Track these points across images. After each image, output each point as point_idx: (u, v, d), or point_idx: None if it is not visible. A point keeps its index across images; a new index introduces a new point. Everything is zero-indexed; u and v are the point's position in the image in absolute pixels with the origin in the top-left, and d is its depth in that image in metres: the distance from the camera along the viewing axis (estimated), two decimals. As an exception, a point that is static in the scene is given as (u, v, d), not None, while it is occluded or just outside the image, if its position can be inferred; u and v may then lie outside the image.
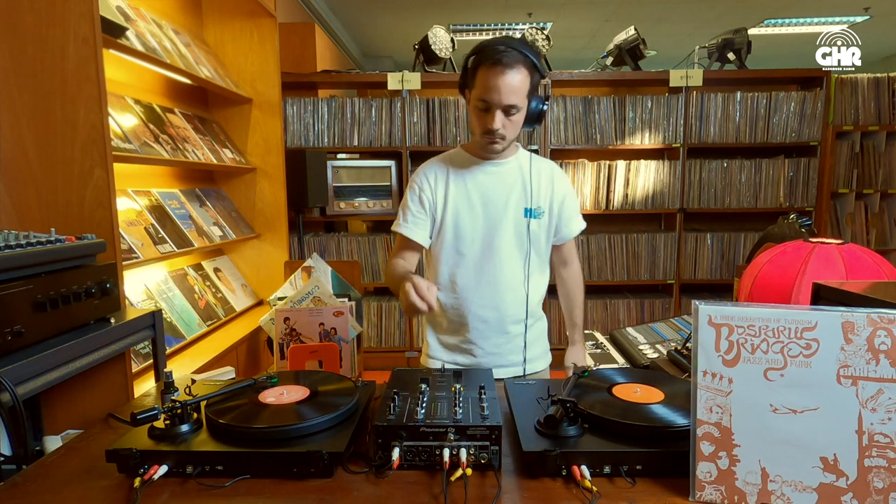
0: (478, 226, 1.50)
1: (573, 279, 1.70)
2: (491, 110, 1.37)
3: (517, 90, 1.35)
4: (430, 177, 1.53)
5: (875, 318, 0.78)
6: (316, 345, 1.52)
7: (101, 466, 0.91)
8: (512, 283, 1.52)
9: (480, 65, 1.36)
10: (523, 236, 1.51)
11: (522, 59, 1.35)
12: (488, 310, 1.52)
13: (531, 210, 1.51)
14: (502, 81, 1.33)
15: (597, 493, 0.83)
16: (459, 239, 1.51)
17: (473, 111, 1.42)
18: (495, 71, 1.33)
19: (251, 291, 3.16)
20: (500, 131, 1.39)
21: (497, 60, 1.32)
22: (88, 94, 1.61)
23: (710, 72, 3.89)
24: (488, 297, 1.52)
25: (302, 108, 3.84)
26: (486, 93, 1.35)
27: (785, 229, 2.09)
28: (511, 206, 1.50)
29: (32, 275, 1.21)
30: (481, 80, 1.36)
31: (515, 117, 1.40)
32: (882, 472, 0.77)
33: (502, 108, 1.37)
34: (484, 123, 1.40)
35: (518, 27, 6.74)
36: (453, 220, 1.51)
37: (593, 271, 4.01)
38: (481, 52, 1.37)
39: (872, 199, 4.03)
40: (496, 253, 1.50)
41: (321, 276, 2.12)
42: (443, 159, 1.57)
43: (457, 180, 1.51)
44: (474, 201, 1.50)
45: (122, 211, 2.06)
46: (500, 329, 1.54)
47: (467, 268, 1.52)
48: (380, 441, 0.91)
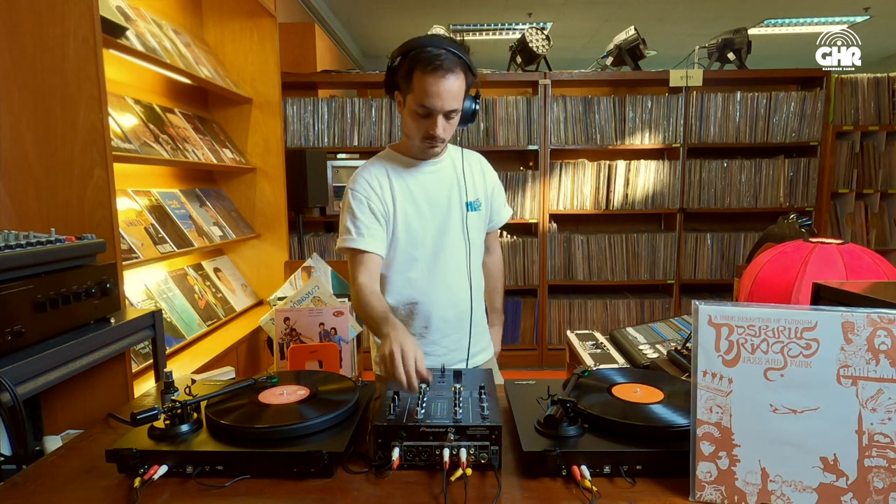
0: (428, 227, 1.49)
1: (496, 265, 1.75)
2: (432, 116, 1.34)
3: (457, 95, 1.33)
4: (374, 183, 1.45)
5: (875, 318, 0.78)
6: (316, 345, 1.52)
7: (101, 466, 0.91)
8: (461, 278, 1.54)
9: (416, 69, 1.30)
10: (465, 231, 1.52)
11: (459, 62, 1.31)
12: (447, 308, 1.53)
13: (470, 203, 1.52)
14: (444, 87, 1.29)
15: (597, 493, 0.83)
16: (412, 243, 1.48)
17: (411, 115, 1.37)
18: (436, 77, 1.28)
19: (251, 291, 3.16)
20: (441, 136, 1.37)
21: (438, 66, 1.28)
22: (88, 94, 1.61)
23: (710, 72, 3.89)
24: (445, 295, 1.53)
25: (302, 108, 3.84)
26: (428, 99, 1.31)
27: (785, 229, 2.09)
28: (454, 202, 1.51)
29: (32, 275, 1.21)
30: (420, 85, 1.30)
31: (454, 120, 1.38)
32: (882, 472, 0.77)
33: (444, 113, 1.34)
34: (424, 129, 1.37)
35: (518, 27, 6.74)
36: (404, 225, 1.47)
37: (593, 271, 4.01)
38: (416, 55, 1.30)
39: (872, 199, 4.03)
40: (446, 251, 1.51)
41: (321, 276, 2.12)
42: (379, 164, 1.49)
43: (400, 184, 1.47)
44: (420, 203, 1.48)
45: (122, 211, 2.06)
46: (458, 325, 1.55)
47: (422, 270, 1.50)
48: (380, 441, 0.91)
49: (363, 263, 1.42)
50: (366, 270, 1.41)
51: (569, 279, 4.01)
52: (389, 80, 1.40)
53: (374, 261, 1.43)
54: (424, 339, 1.54)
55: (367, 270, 1.41)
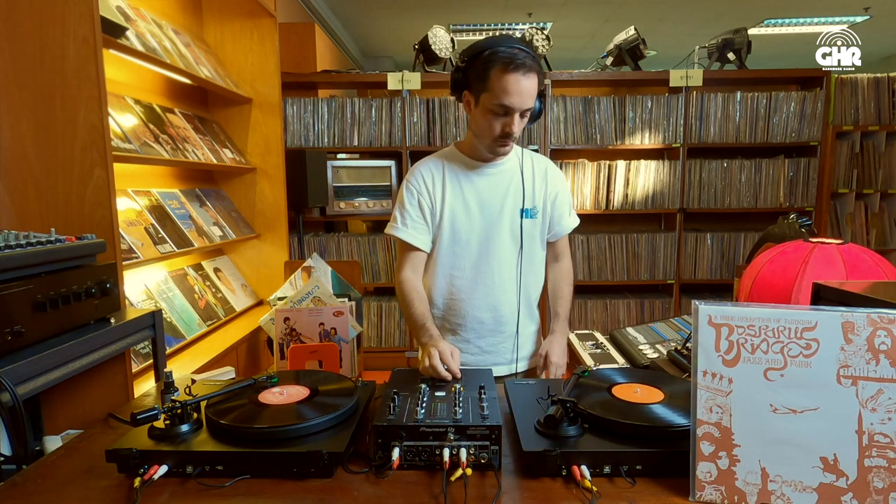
0: (474, 229, 1.50)
1: (562, 273, 1.68)
2: (510, 114, 1.35)
3: (533, 94, 1.35)
4: (427, 178, 1.50)
5: (875, 318, 0.78)
6: (316, 345, 1.52)
7: (101, 466, 0.91)
8: (507, 283, 1.53)
9: (494, 67, 1.32)
10: (518, 237, 1.51)
11: (535, 63, 1.34)
12: (485, 310, 1.53)
13: (527, 210, 1.51)
14: (524, 86, 1.32)
15: (597, 493, 0.83)
16: (456, 242, 1.51)
17: (486, 114, 1.37)
18: (517, 76, 1.31)
19: (251, 291, 3.16)
20: (516, 134, 1.39)
21: (520, 64, 1.31)
22: (88, 94, 1.61)
23: (710, 72, 3.89)
24: (485, 297, 1.52)
25: (302, 108, 3.84)
26: (508, 97, 1.32)
27: (785, 229, 2.09)
28: (507, 207, 1.50)
29: (32, 275, 1.21)
30: (499, 83, 1.32)
31: (526, 119, 1.40)
32: (882, 472, 0.77)
33: (522, 111, 1.36)
34: (500, 127, 1.37)
35: (518, 27, 6.74)
36: (450, 223, 1.50)
37: (593, 271, 4.01)
38: (494, 52, 1.33)
39: (872, 199, 4.03)
40: (493, 255, 1.51)
41: (321, 276, 2.12)
42: (438, 160, 1.53)
43: (452, 182, 1.50)
44: (470, 204, 1.50)
45: (122, 211, 2.06)
46: (496, 329, 1.55)
47: (464, 269, 1.52)
48: (380, 441, 0.91)
49: (408, 257, 1.51)
50: (410, 263, 1.51)
51: (569, 279, 4.00)
52: (458, 79, 1.41)
53: (419, 255, 1.51)
54: (457, 337, 1.55)
55: (410, 263, 1.51)
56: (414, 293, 1.46)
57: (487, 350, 1.56)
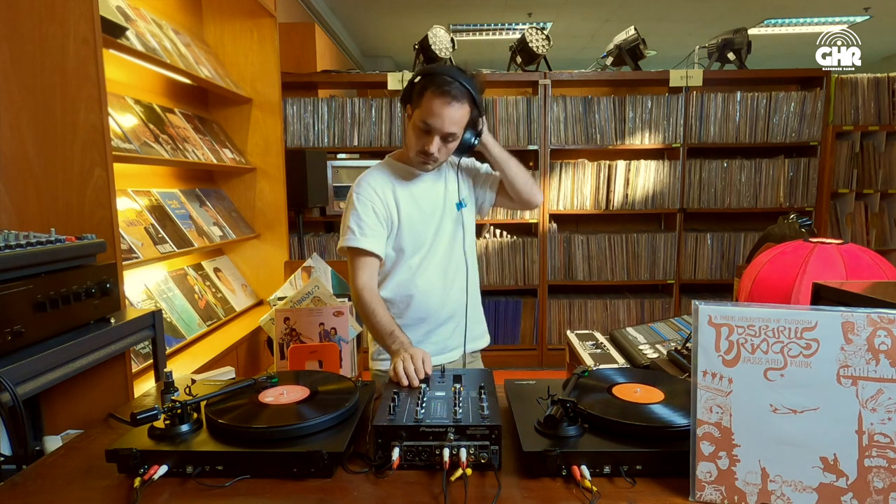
0: (429, 229, 1.57)
1: None
2: (431, 134, 1.44)
3: (457, 122, 1.44)
4: (378, 189, 1.53)
5: (875, 318, 0.78)
6: (316, 345, 1.52)
7: (101, 466, 0.91)
8: (458, 273, 1.62)
9: (428, 89, 1.42)
10: (459, 228, 1.62)
11: (467, 95, 1.43)
12: (442, 300, 1.60)
13: (461, 202, 1.62)
14: (447, 111, 1.41)
15: (597, 493, 0.83)
16: (415, 243, 1.56)
17: (413, 129, 1.47)
18: (443, 100, 1.40)
19: (251, 291, 3.16)
20: (434, 154, 1.46)
21: (447, 91, 1.40)
22: (88, 94, 1.61)
23: (710, 72, 3.89)
24: (441, 289, 1.59)
25: (302, 108, 3.84)
26: (430, 117, 1.42)
27: (785, 229, 2.09)
28: (448, 202, 1.60)
29: (32, 275, 1.21)
30: (427, 104, 1.42)
31: (451, 144, 1.48)
32: (882, 472, 0.77)
33: (442, 135, 1.44)
34: (422, 144, 1.46)
35: (518, 27, 6.74)
36: (409, 228, 1.55)
37: (593, 271, 4.01)
38: (433, 77, 1.42)
39: (872, 199, 4.03)
40: (444, 250, 1.59)
41: (321, 276, 2.12)
42: (381, 171, 1.58)
43: (402, 189, 1.56)
44: (423, 206, 1.57)
45: (122, 211, 2.06)
46: (452, 317, 1.62)
47: (421, 267, 1.57)
48: (380, 441, 0.91)
49: (364, 264, 1.51)
50: (366, 271, 1.50)
51: (569, 279, 4.01)
52: (406, 92, 1.51)
53: (374, 262, 1.53)
54: (421, 330, 1.59)
55: (367, 270, 1.51)
56: (376, 301, 1.47)
57: (447, 336, 1.63)
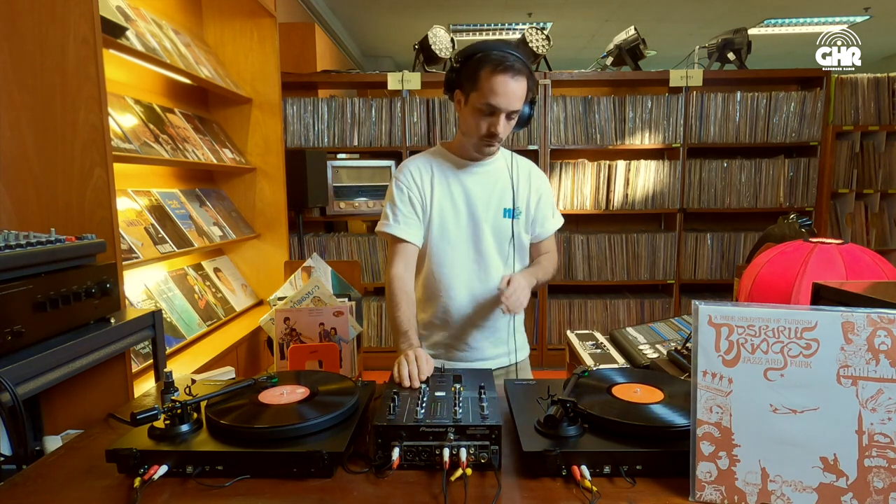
0: (461, 227, 1.51)
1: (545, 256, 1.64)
2: (496, 114, 1.38)
3: (521, 97, 1.38)
4: (416, 175, 1.51)
5: (875, 318, 0.78)
6: (316, 345, 1.52)
7: (101, 466, 0.91)
8: (494, 281, 1.53)
9: (484, 68, 1.35)
10: (505, 236, 1.53)
11: (525, 67, 1.37)
12: (473, 308, 1.54)
13: (511, 210, 1.53)
14: (511, 88, 1.35)
15: (597, 493, 0.83)
16: (444, 239, 1.52)
17: (473, 113, 1.41)
18: (505, 77, 1.34)
19: (251, 291, 3.16)
20: (500, 135, 1.41)
21: (509, 66, 1.34)
22: (88, 94, 1.61)
23: (710, 72, 3.89)
24: (468, 295, 1.53)
25: (302, 108, 3.84)
26: (494, 97, 1.35)
27: (785, 229, 2.09)
28: (492, 206, 1.52)
29: (32, 275, 1.21)
30: (487, 83, 1.35)
31: (513, 121, 1.42)
32: (882, 472, 0.77)
33: (507, 113, 1.38)
34: (486, 126, 1.40)
35: (518, 27, 6.74)
36: (439, 221, 1.51)
37: (593, 271, 4.01)
38: (486, 54, 1.36)
39: (872, 199, 4.03)
40: (480, 253, 1.52)
41: (321, 276, 2.12)
42: (426, 158, 1.55)
43: (441, 181, 1.51)
44: (458, 202, 1.51)
45: (122, 211, 2.06)
46: (485, 326, 1.56)
47: (452, 267, 1.53)
48: (380, 441, 0.91)
49: (400, 252, 1.49)
50: (401, 259, 1.48)
51: (569, 279, 4.01)
52: (451, 78, 1.45)
53: (410, 250, 1.49)
54: (445, 333, 1.57)
55: (402, 259, 1.49)
56: (402, 294, 1.43)
57: (476, 347, 1.57)
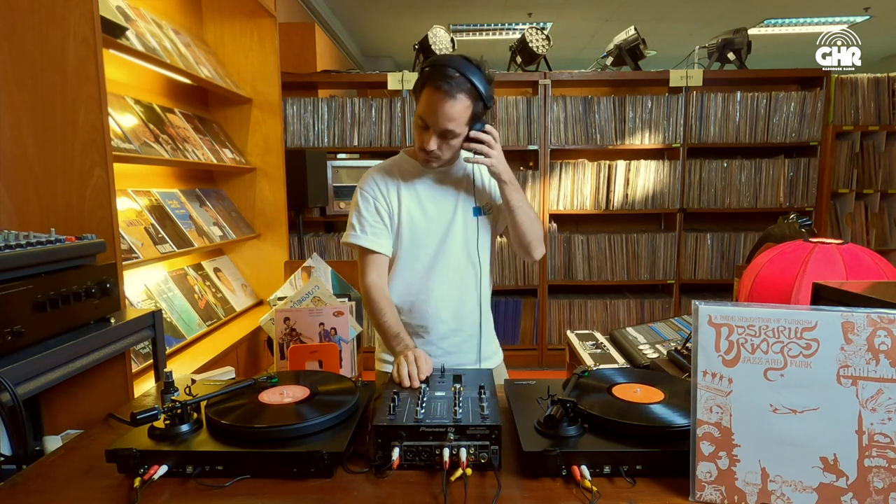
0: (432, 230, 1.51)
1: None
2: (428, 130, 1.38)
3: (455, 118, 1.34)
4: (381, 184, 1.51)
5: (875, 318, 0.78)
6: (316, 345, 1.52)
7: (101, 466, 0.91)
8: (466, 282, 1.54)
9: (426, 82, 1.34)
10: (473, 236, 1.53)
11: (468, 89, 1.33)
12: (445, 310, 1.53)
13: (479, 208, 1.53)
14: (441, 108, 1.32)
15: (597, 493, 0.83)
16: (415, 244, 1.51)
17: (414, 124, 1.42)
18: (437, 96, 1.32)
19: (251, 291, 3.16)
20: (434, 152, 1.40)
21: (439, 87, 1.31)
22: (88, 94, 1.61)
23: (710, 72, 3.89)
24: (445, 297, 1.53)
25: (302, 108, 3.84)
26: (426, 113, 1.36)
27: (785, 229, 2.09)
28: (460, 207, 1.52)
29: (32, 275, 1.21)
30: (424, 98, 1.35)
31: (452, 141, 1.39)
32: (882, 472, 0.77)
33: (438, 131, 1.37)
34: (420, 140, 1.41)
35: (518, 27, 6.74)
36: (409, 227, 1.50)
37: (593, 271, 4.01)
38: (431, 70, 1.35)
39: (872, 199, 4.03)
40: (450, 255, 1.52)
41: (321, 276, 2.12)
42: (389, 167, 1.55)
43: (407, 186, 1.51)
44: (426, 206, 1.51)
45: (122, 211, 2.06)
46: (458, 328, 1.56)
47: (423, 271, 1.52)
48: (380, 441, 0.91)
49: (370, 262, 1.49)
50: (374, 269, 1.49)
51: (569, 279, 4.01)
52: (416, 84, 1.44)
53: (381, 259, 1.50)
54: (422, 339, 1.55)
55: (375, 269, 1.49)
56: (384, 300, 1.44)
57: (451, 351, 1.56)
